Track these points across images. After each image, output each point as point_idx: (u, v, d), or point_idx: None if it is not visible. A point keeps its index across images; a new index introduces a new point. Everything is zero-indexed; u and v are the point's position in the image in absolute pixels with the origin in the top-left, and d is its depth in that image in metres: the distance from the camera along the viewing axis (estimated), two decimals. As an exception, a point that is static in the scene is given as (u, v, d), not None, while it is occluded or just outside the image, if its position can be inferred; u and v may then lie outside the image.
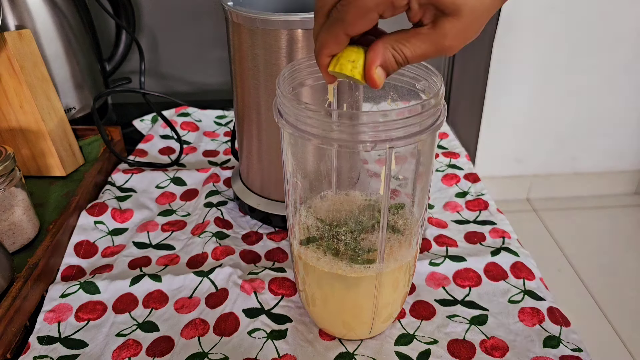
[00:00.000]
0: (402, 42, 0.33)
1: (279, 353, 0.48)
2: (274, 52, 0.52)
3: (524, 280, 0.56)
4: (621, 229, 1.74)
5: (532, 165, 1.80)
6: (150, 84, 1.05)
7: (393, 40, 0.34)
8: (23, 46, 0.63)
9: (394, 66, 0.34)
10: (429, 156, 0.43)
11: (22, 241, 0.58)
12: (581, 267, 1.58)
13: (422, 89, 0.42)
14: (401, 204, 0.46)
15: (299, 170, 0.44)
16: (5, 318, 0.48)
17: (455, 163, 0.77)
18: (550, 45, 1.54)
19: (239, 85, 0.58)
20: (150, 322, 0.52)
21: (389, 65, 0.34)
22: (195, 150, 0.81)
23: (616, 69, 1.61)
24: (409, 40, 0.33)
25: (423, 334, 0.51)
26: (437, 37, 0.33)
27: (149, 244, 0.62)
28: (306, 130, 0.37)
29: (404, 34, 0.34)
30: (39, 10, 0.76)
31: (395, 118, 0.35)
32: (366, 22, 0.33)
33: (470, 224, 0.65)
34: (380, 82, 0.35)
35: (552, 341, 0.49)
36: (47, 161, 0.68)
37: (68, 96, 0.83)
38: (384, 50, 0.34)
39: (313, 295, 0.47)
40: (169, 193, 0.71)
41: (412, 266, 0.47)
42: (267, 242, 0.62)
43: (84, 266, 0.59)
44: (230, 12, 0.53)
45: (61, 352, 0.49)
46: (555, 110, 1.68)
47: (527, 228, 1.74)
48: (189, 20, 0.99)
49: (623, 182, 1.87)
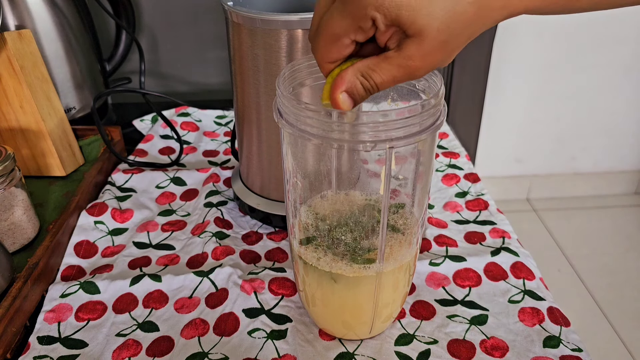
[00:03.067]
0: (372, 67, 0.33)
1: (279, 353, 0.48)
2: (274, 52, 0.52)
3: (524, 280, 0.56)
4: (621, 229, 1.74)
5: (532, 165, 1.80)
6: (150, 84, 1.05)
7: (364, 66, 0.33)
8: (23, 46, 0.63)
9: (362, 93, 0.34)
10: (429, 156, 0.43)
11: (22, 241, 0.58)
12: (581, 267, 1.58)
13: (422, 89, 0.42)
14: (401, 204, 0.46)
15: (299, 170, 0.44)
16: (5, 318, 0.48)
17: (455, 163, 0.77)
18: (550, 45, 1.54)
19: (239, 85, 0.58)
20: (150, 322, 0.52)
21: (355, 92, 0.34)
22: (195, 150, 0.81)
23: (616, 69, 1.61)
24: (378, 65, 0.33)
25: (423, 334, 0.51)
26: (403, 60, 0.32)
27: (149, 244, 0.62)
28: (306, 130, 0.37)
29: (374, 60, 0.33)
30: (39, 10, 0.76)
31: (395, 118, 0.35)
32: (340, 48, 0.33)
33: (470, 224, 0.65)
34: (345, 107, 0.34)
35: (552, 341, 0.49)
36: (47, 161, 0.68)
37: (68, 96, 0.83)
38: (351, 77, 0.33)
39: (313, 295, 0.47)
40: (169, 193, 0.71)
41: (412, 266, 0.47)
42: (267, 242, 0.62)
43: (84, 266, 0.59)
44: (230, 12, 0.53)
45: (61, 352, 0.49)
46: (555, 110, 1.68)
47: (527, 228, 1.74)
48: (189, 20, 0.99)
49: (623, 182, 1.87)
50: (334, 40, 0.33)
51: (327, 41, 0.33)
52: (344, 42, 0.33)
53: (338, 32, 0.32)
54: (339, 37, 0.32)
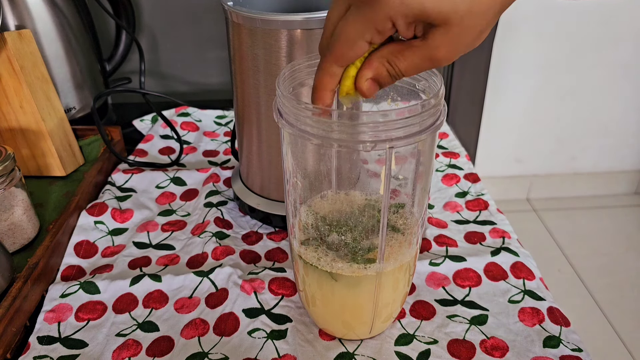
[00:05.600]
0: (397, 55, 0.33)
1: (279, 353, 0.48)
2: (274, 52, 0.52)
3: (524, 280, 0.56)
4: (621, 229, 1.74)
5: (532, 165, 1.80)
6: (150, 84, 1.05)
7: (388, 53, 0.33)
8: (23, 46, 0.63)
9: (388, 79, 0.34)
10: (429, 156, 0.43)
11: (22, 241, 0.58)
12: (581, 267, 1.58)
13: (422, 89, 0.42)
14: (401, 203, 0.46)
15: (299, 170, 0.44)
16: (5, 318, 0.48)
17: (455, 163, 0.77)
18: (550, 45, 1.54)
19: (239, 85, 0.58)
20: (150, 322, 0.52)
21: (381, 79, 0.34)
22: (195, 150, 0.81)
23: (616, 69, 1.61)
24: (402, 54, 0.33)
25: (423, 334, 0.51)
26: (430, 50, 0.32)
27: (149, 244, 0.62)
28: (306, 130, 0.37)
29: (398, 47, 0.33)
30: (39, 10, 0.76)
31: (395, 118, 0.35)
32: (356, 50, 0.33)
33: (470, 224, 0.65)
34: (369, 94, 0.34)
35: (552, 341, 0.49)
36: (47, 161, 0.68)
37: (68, 96, 0.83)
38: (377, 64, 0.33)
39: (313, 295, 0.47)
40: (169, 193, 0.71)
41: (412, 266, 0.47)
42: (267, 242, 0.62)
43: (84, 266, 0.59)
44: (230, 12, 0.53)
45: (61, 352, 0.49)
46: (555, 110, 1.68)
47: (527, 228, 1.74)
48: (189, 20, 0.99)
49: (623, 182, 1.87)
50: (351, 45, 0.32)
51: (344, 46, 0.33)
52: (360, 45, 0.32)
53: (354, 37, 0.32)
54: (355, 41, 0.32)
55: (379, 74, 0.34)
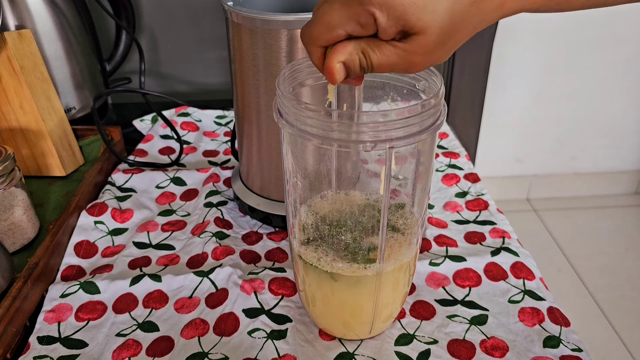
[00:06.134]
0: (373, 48, 0.33)
1: (279, 353, 0.48)
2: (274, 52, 0.52)
3: (524, 280, 0.56)
4: (621, 229, 1.74)
5: (532, 165, 1.80)
6: (150, 84, 1.05)
7: (365, 44, 0.33)
8: (23, 46, 0.63)
9: (357, 69, 0.34)
10: (429, 156, 0.43)
11: (22, 241, 0.58)
12: (581, 267, 1.58)
13: (422, 89, 0.42)
14: (401, 203, 0.46)
15: (299, 170, 0.44)
16: (5, 318, 0.48)
17: (455, 163, 0.77)
18: (550, 45, 1.54)
19: (239, 85, 0.58)
20: (150, 322, 0.52)
21: (351, 65, 0.33)
22: (195, 150, 0.81)
23: (616, 69, 1.61)
24: (379, 48, 0.33)
25: (423, 334, 0.51)
26: (407, 53, 0.32)
27: (149, 244, 0.62)
28: (306, 130, 0.37)
29: (377, 42, 0.33)
30: (39, 10, 0.76)
31: (395, 118, 0.35)
32: (332, 36, 0.33)
33: (470, 224, 0.65)
34: (338, 77, 0.34)
35: (552, 341, 0.49)
36: (47, 161, 0.68)
37: (68, 96, 0.83)
38: (352, 50, 0.33)
39: (313, 295, 0.47)
40: (169, 193, 0.71)
41: (412, 266, 0.47)
42: (267, 242, 0.62)
43: (84, 266, 0.59)
44: (230, 12, 0.53)
45: (61, 352, 0.49)
46: (555, 110, 1.68)
47: (527, 228, 1.74)
48: (189, 20, 0.99)
49: (623, 182, 1.87)
50: (329, 30, 0.32)
51: (322, 29, 0.32)
52: (338, 33, 0.32)
53: (334, 23, 0.32)
54: (334, 28, 0.32)
55: (351, 60, 0.33)
